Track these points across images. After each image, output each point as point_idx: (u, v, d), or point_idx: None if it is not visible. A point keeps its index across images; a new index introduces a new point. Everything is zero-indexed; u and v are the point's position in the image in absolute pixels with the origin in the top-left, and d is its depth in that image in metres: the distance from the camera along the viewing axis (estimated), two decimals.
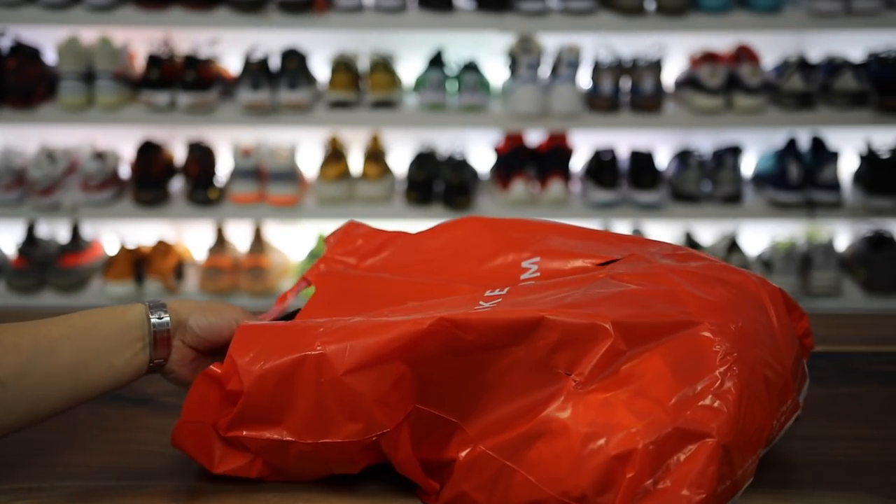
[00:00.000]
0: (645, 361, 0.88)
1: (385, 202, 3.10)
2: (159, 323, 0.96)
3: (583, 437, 0.86)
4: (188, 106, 2.99)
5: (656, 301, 0.91)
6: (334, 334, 0.92)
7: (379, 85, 3.03)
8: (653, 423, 0.85)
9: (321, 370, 0.90)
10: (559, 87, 3.02)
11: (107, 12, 2.95)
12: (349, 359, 0.89)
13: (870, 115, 3.04)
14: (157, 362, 0.97)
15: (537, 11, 2.99)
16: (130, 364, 0.96)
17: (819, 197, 3.06)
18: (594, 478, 0.84)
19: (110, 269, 3.05)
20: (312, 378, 0.90)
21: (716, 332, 0.89)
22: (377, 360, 0.89)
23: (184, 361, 0.99)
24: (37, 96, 3.02)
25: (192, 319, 0.98)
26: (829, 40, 3.20)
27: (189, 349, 0.99)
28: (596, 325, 0.88)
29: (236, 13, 2.97)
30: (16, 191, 3.02)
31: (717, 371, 0.87)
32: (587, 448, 0.85)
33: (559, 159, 3.12)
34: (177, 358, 0.99)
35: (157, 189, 3.05)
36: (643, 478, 0.83)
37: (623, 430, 0.85)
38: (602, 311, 0.89)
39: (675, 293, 0.92)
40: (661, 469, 0.84)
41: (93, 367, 0.93)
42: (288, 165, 3.06)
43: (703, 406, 0.85)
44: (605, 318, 0.88)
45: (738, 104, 3.04)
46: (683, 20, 3.01)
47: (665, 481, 0.83)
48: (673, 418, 0.85)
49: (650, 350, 0.88)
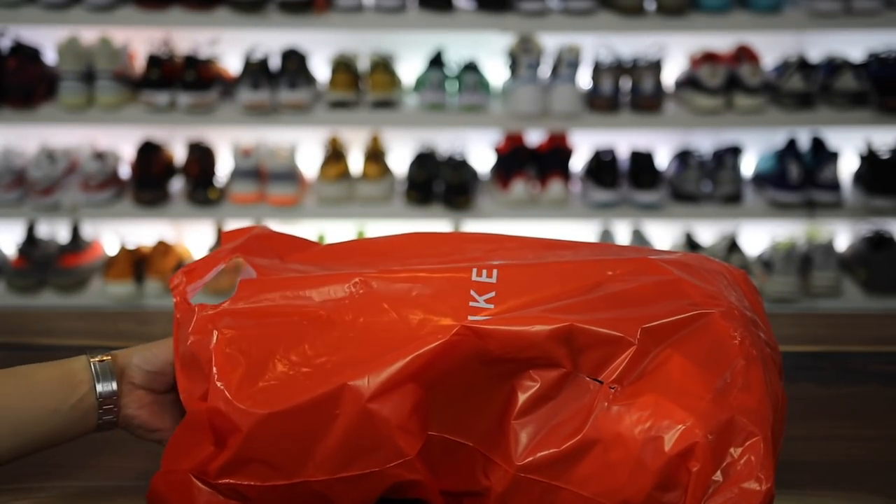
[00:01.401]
0: (667, 359, 0.86)
1: (385, 202, 3.10)
2: (101, 364, 0.91)
3: (640, 442, 0.83)
4: (188, 106, 2.99)
5: (663, 296, 0.89)
6: (333, 346, 0.86)
7: (379, 85, 3.03)
8: (704, 415, 0.83)
9: (340, 401, 0.83)
10: (559, 87, 3.02)
11: (107, 12, 2.95)
12: (372, 384, 0.83)
13: (870, 115, 3.04)
14: (106, 409, 0.91)
15: (537, 11, 2.99)
16: (76, 409, 0.90)
17: (819, 197, 3.06)
18: (658, 479, 0.83)
19: (110, 269, 3.05)
20: (328, 410, 0.84)
21: (727, 319, 0.88)
22: (399, 380, 0.83)
23: (140, 404, 0.93)
24: (37, 96, 3.01)
25: (134, 358, 0.93)
26: (829, 40, 3.20)
27: (141, 390, 0.93)
28: (623, 334, 0.86)
29: (236, 13, 2.97)
30: (16, 191, 3.02)
31: (741, 357, 0.86)
32: (646, 451, 0.83)
33: (559, 159, 3.12)
34: (131, 401, 0.92)
35: (157, 189, 3.05)
36: (709, 470, 0.82)
37: (678, 426, 0.83)
38: (624, 316, 0.87)
39: (675, 283, 0.90)
40: (724, 460, 0.82)
41: (33, 412, 0.89)
42: (288, 165, 3.06)
43: (742, 394, 0.84)
44: (632, 324, 0.86)
45: (738, 104, 3.04)
46: (683, 20, 3.01)
47: (730, 473, 0.82)
48: (720, 409, 0.83)
49: (669, 346, 0.87)
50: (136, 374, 0.93)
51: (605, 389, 0.86)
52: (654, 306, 0.88)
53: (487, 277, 0.90)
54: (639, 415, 0.84)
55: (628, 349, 0.86)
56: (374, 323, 0.88)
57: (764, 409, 0.84)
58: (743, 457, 0.82)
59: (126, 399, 0.92)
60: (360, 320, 0.88)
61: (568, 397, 0.87)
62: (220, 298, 0.94)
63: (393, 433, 0.83)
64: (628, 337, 0.86)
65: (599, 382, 0.86)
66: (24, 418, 0.89)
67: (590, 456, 0.85)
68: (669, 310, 0.88)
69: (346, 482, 0.85)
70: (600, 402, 0.85)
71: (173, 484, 0.88)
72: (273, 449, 0.85)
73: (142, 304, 3.05)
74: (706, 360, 0.86)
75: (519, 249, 0.97)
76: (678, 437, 0.82)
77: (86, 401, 0.90)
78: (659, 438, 0.83)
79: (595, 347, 0.86)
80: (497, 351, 0.85)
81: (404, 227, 3.21)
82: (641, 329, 0.86)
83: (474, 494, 0.88)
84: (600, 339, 0.86)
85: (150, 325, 1.38)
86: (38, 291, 3.04)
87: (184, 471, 0.87)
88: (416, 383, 0.83)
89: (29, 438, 0.89)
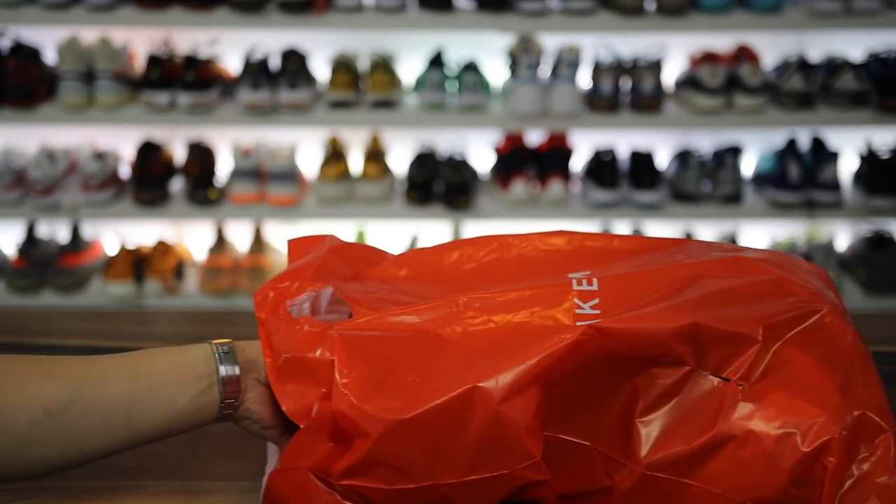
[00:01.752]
0: (791, 356, 0.87)
1: (385, 202, 3.10)
2: (226, 356, 0.88)
3: (773, 438, 0.84)
4: (188, 106, 2.99)
5: (771, 294, 0.90)
6: (451, 355, 0.86)
7: (379, 85, 3.03)
8: (835, 411, 0.84)
9: (471, 404, 0.83)
10: (559, 87, 3.02)
11: (107, 12, 2.95)
12: (502, 386, 0.83)
13: (870, 115, 3.04)
14: (228, 402, 0.88)
15: (537, 11, 2.99)
16: (194, 402, 0.87)
17: (819, 197, 3.06)
18: (793, 475, 0.83)
19: (110, 269, 3.05)
20: (459, 413, 0.83)
21: (835, 316, 0.89)
22: (527, 382, 0.83)
23: (262, 400, 0.90)
24: (37, 96, 3.01)
25: (262, 356, 0.90)
26: (829, 40, 3.20)
27: (264, 387, 0.90)
28: (747, 331, 0.86)
29: (236, 13, 2.97)
30: (16, 191, 3.02)
31: (855, 354, 0.87)
32: (780, 447, 0.84)
33: (559, 159, 3.12)
34: (254, 396, 0.89)
35: (157, 189, 3.05)
36: (844, 465, 0.83)
37: (812, 422, 0.84)
38: (743, 314, 0.88)
39: (779, 282, 0.91)
40: (858, 456, 0.84)
41: (149, 403, 0.85)
42: (288, 165, 3.06)
43: (865, 390, 0.86)
44: (752, 321, 0.87)
45: (738, 104, 3.04)
46: (683, 20, 3.01)
47: (863, 468, 0.83)
48: (849, 405, 0.85)
49: (789, 344, 0.87)
50: (263, 371, 0.90)
51: (732, 387, 0.86)
52: (766, 304, 0.89)
53: (588, 286, 0.90)
54: (770, 411, 0.85)
55: (752, 346, 0.86)
56: (487, 333, 0.88)
57: (885, 406, 0.86)
58: (875, 452, 0.84)
59: (250, 393, 0.89)
60: (472, 332, 0.89)
61: (692, 395, 0.87)
62: None
63: (521, 435, 0.83)
64: (752, 334, 0.86)
65: (725, 380, 0.87)
66: (139, 409, 0.85)
67: (721, 453, 0.85)
68: (782, 307, 0.89)
69: (474, 485, 0.85)
70: (729, 400, 0.86)
71: (292, 482, 0.87)
72: (402, 453, 0.84)
73: (142, 304, 3.05)
74: (826, 357, 0.87)
75: (605, 254, 0.98)
76: (813, 434, 0.83)
77: (206, 395, 0.87)
78: (793, 435, 0.84)
79: (719, 345, 0.86)
80: (621, 350, 0.85)
81: (404, 227, 3.21)
82: (763, 326, 0.87)
83: (591, 494, 0.88)
84: (724, 336, 0.86)
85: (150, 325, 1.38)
86: (38, 291, 3.04)
87: (303, 468, 0.86)
88: (539, 384, 0.84)
89: (141, 428, 0.86)
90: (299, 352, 0.88)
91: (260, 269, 3.08)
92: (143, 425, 0.86)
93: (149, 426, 0.86)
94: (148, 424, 0.86)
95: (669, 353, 0.86)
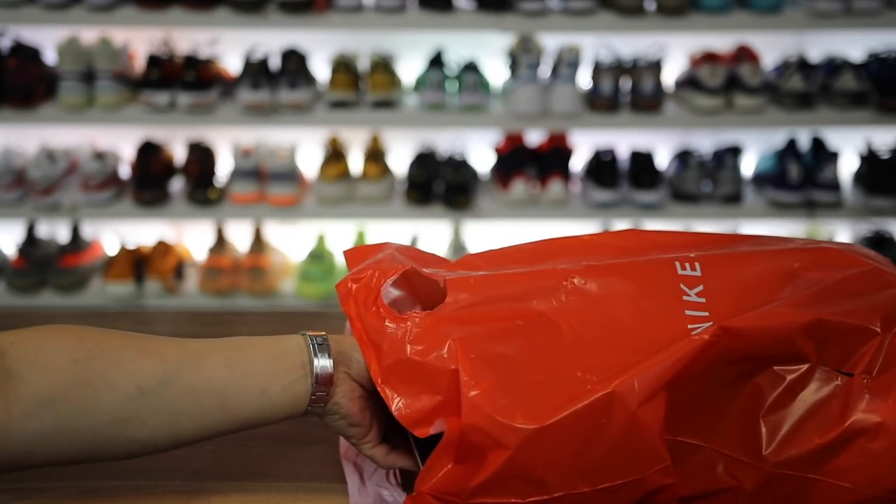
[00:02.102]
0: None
1: (385, 202, 3.10)
2: (320, 347, 0.87)
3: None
4: (188, 106, 2.99)
5: (872, 286, 0.91)
6: (567, 351, 0.84)
7: (379, 85, 3.03)
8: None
9: (609, 409, 0.82)
10: (559, 87, 3.02)
11: (107, 12, 2.95)
12: (639, 391, 0.82)
13: (870, 115, 3.04)
14: (319, 395, 0.86)
15: (537, 11, 2.99)
16: (287, 392, 0.85)
17: (819, 197, 3.06)
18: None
19: (110, 269, 3.05)
20: (596, 419, 0.82)
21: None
22: (660, 385, 0.82)
23: (352, 395, 0.88)
24: (37, 96, 3.02)
25: (356, 352, 0.88)
26: (829, 40, 3.20)
27: (355, 383, 0.89)
28: (867, 324, 0.87)
29: (236, 13, 2.97)
30: (16, 191, 3.02)
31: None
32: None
33: (559, 159, 3.12)
34: (344, 390, 0.88)
35: (157, 189, 3.05)
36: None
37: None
38: (859, 306, 0.88)
39: (875, 273, 0.92)
40: None
41: (243, 389, 0.84)
42: (288, 165, 3.06)
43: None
44: (869, 314, 0.88)
45: (738, 104, 3.04)
46: (683, 20, 3.02)
47: None
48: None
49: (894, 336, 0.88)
50: (355, 366, 0.88)
51: (857, 381, 0.87)
52: (875, 296, 0.90)
53: (692, 271, 0.90)
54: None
55: (872, 339, 0.87)
56: (598, 322, 0.87)
57: None
58: None
59: (340, 387, 0.88)
60: (584, 320, 0.87)
61: (817, 391, 0.87)
62: None
63: (655, 439, 0.83)
64: (871, 326, 0.87)
65: (849, 374, 0.87)
66: (233, 394, 0.84)
67: (851, 447, 0.86)
68: (889, 298, 0.89)
69: (608, 492, 0.84)
70: (855, 393, 0.86)
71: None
72: (539, 464, 0.82)
73: (142, 304, 3.05)
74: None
75: (683, 246, 0.97)
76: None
77: (298, 385, 0.86)
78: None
79: (839, 339, 0.87)
80: (747, 349, 0.85)
81: (404, 227, 3.21)
82: (881, 318, 0.87)
83: (713, 495, 0.88)
84: (845, 330, 0.87)
85: (150, 325, 1.38)
86: (38, 291, 3.04)
87: (424, 493, 0.82)
88: (666, 387, 0.83)
89: (234, 415, 0.84)
90: (411, 354, 0.85)
91: (260, 269, 3.08)
92: (236, 412, 0.84)
93: (241, 413, 0.85)
94: (240, 411, 0.84)
95: (793, 350, 0.86)
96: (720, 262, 0.91)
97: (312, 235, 3.17)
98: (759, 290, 0.89)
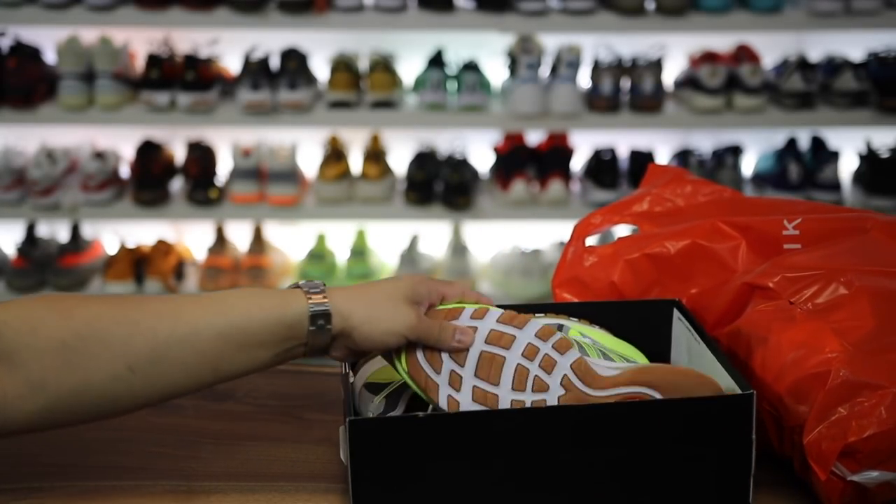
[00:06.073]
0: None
1: (385, 202, 3.10)
2: (320, 332, 0.90)
3: None
4: (188, 106, 2.99)
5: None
6: None
7: (379, 85, 3.03)
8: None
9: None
10: (559, 87, 3.02)
11: (107, 12, 2.95)
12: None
13: (870, 115, 3.04)
14: (312, 353, 0.93)
15: (537, 11, 2.99)
16: (279, 357, 0.91)
17: (819, 197, 3.06)
18: None
19: (110, 269, 3.05)
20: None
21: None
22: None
23: (343, 354, 0.94)
24: (37, 96, 3.01)
25: (356, 333, 0.91)
26: (829, 40, 3.20)
27: (348, 350, 0.93)
28: None
29: (236, 13, 2.97)
30: (16, 191, 3.02)
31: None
32: None
33: (559, 159, 3.12)
34: (333, 348, 0.93)
35: (157, 189, 3.05)
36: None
37: None
38: None
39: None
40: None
41: (235, 358, 0.89)
42: (288, 165, 3.06)
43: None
44: None
45: (738, 104, 3.04)
46: (683, 20, 3.01)
47: None
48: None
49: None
50: (351, 341, 0.92)
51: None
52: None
53: None
54: None
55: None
56: None
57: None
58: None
59: (335, 353, 0.93)
60: None
61: None
62: None
63: None
64: None
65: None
66: (227, 360, 0.89)
67: None
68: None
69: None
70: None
71: None
72: None
73: None
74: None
75: None
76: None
77: (292, 353, 0.91)
78: None
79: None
80: None
81: (404, 227, 3.21)
82: None
83: None
84: None
85: None
86: (38, 291, 3.04)
87: None
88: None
89: (223, 377, 0.90)
90: None
91: (260, 268, 3.08)
92: (227, 375, 0.90)
93: (232, 375, 0.90)
94: (231, 374, 0.90)
95: None
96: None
97: (312, 235, 3.17)
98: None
